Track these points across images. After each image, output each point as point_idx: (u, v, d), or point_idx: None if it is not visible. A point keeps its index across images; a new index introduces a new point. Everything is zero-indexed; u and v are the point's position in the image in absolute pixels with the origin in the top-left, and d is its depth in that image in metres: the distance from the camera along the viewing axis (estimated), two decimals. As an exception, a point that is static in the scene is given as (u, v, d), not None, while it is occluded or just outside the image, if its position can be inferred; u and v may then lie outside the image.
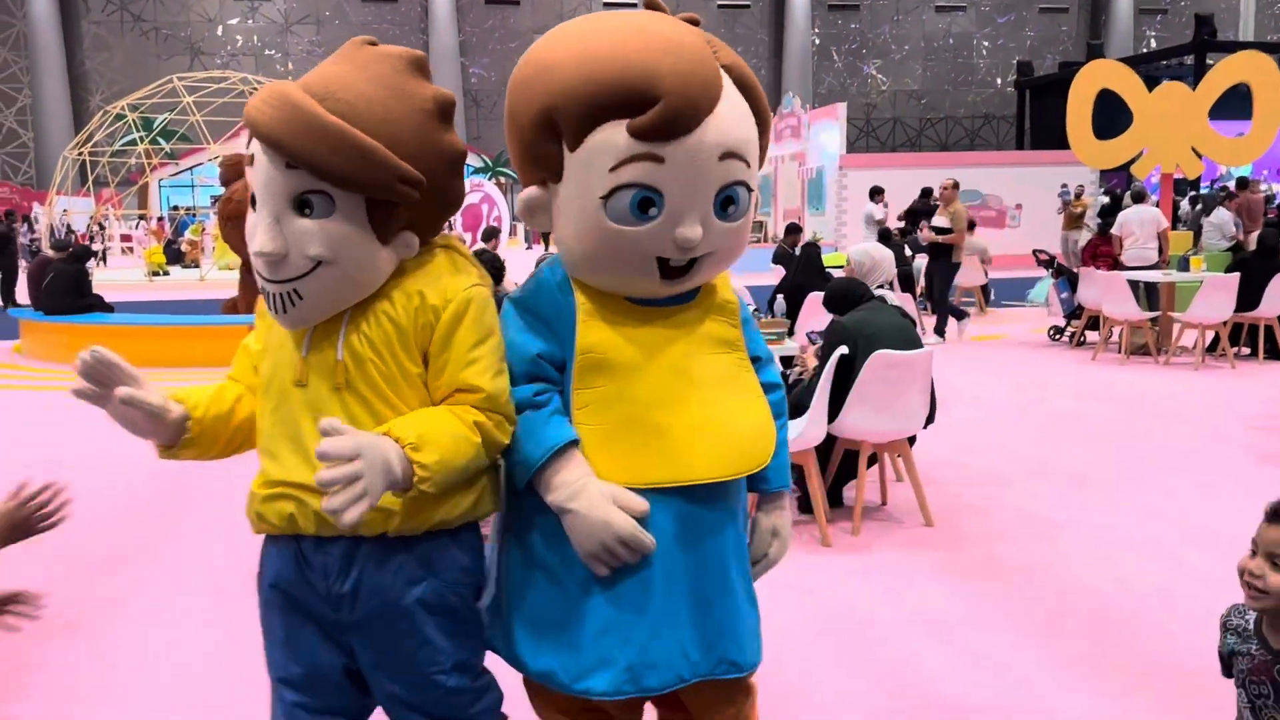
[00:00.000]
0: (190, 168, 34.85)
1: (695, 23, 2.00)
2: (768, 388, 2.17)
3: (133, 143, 26.37)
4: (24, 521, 1.94)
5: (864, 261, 5.50)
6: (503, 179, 33.91)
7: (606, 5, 38.84)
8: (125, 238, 31.39)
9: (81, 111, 39.28)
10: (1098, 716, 3.04)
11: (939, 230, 10.97)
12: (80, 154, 23.96)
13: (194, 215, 29.68)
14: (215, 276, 21.96)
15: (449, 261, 2.01)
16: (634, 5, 2.15)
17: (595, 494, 1.91)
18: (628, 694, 1.96)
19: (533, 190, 2.01)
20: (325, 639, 2.01)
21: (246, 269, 11.56)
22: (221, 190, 32.25)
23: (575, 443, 1.95)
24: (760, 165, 2.06)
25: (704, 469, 1.97)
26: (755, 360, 2.17)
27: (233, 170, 11.49)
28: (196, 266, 23.85)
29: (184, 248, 25.10)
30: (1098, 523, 4.86)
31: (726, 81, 1.91)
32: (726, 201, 1.94)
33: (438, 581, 1.97)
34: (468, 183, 25.18)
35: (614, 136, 1.86)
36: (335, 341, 1.92)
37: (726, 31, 38.82)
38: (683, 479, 1.96)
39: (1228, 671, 2.02)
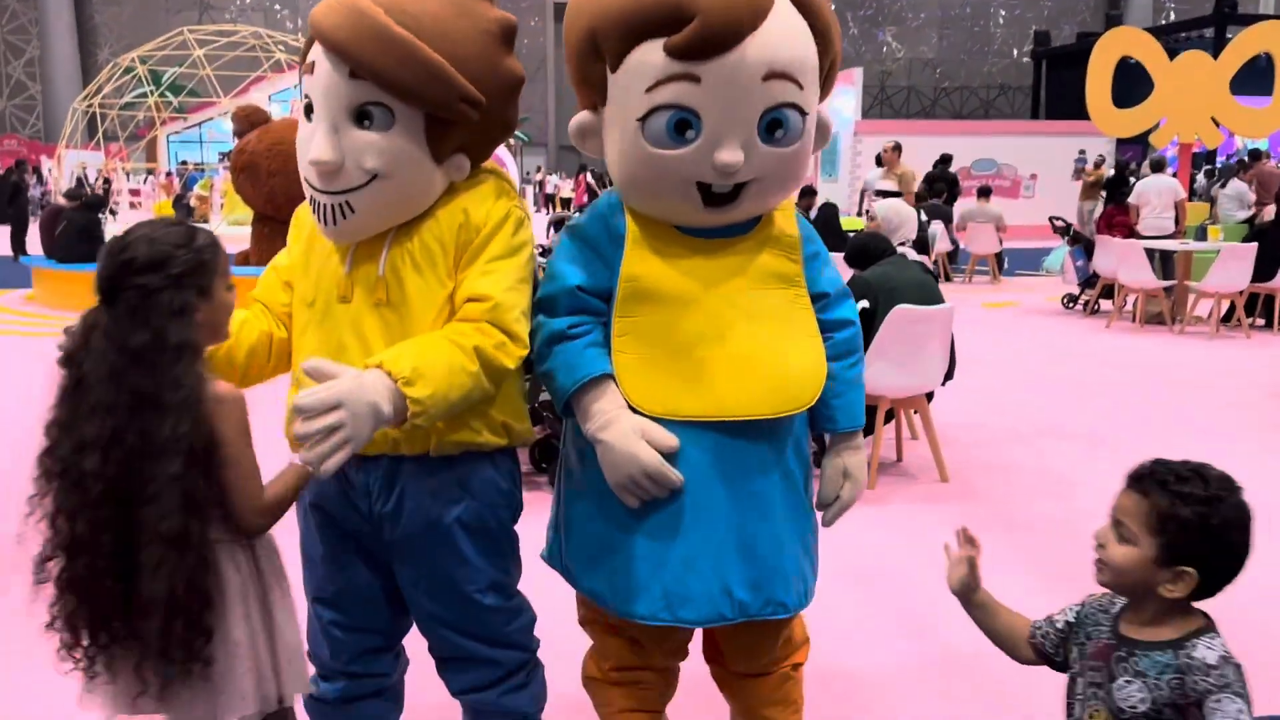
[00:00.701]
0: (199, 123, 34.68)
1: None
2: (837, 324, 2.10)
3: (142, 96, 26.25)
4: None
5: (891, 218, 5.50)
6: (512, 141, 33.73)
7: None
8: (134, 192, 31.32)
9: (90, 65, 39.04)
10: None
11: (885, 194, 10.64)
12: (89, 107, 23.86)
13: (203, 170, 29.57)
14: (225, 231, 21.97)
15: (496, 186, 2.01)
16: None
17: (625, 427, 1.90)
18: (664, 621, 1.97)
19: (583, 114, 2.02)
20: (365, 558, 2.04)
21: (259, 220, 11.55)
22: (230, 146, 32.25)
23: (609, 375, 1.95)
24: (825, 91, 1.99)
25: (740, 405, 1.94)
26: (823, 296, 2.10)
27: (246, 122, 11.46)
28: (205, 222, 23.83)
29: (193, 202, 25.05)
30: (1114, 482, 4.86)
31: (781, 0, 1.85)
32: (773, 125, 1.88)
33: (475, 503, 1.99)
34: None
35: (650, 56, 1.85)
36: (378, 258, 1.93)
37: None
38: (716, 414, 1.94)
39: (1054, 653, 1.76)
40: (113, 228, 10.60)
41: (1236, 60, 11.40)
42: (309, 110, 1.89)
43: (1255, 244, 9.17)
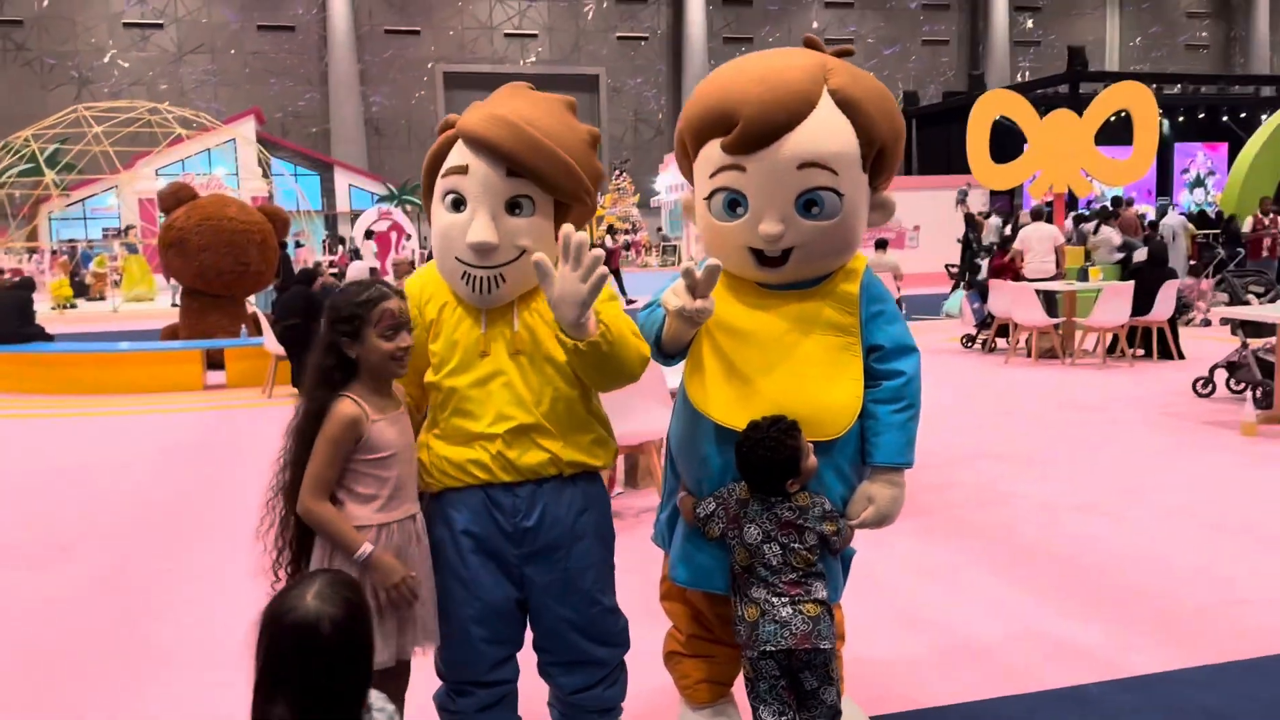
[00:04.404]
0: (82, 199, 33.92)
1: (846, 54, 2.49)
2: (888, 374, 2.46)
3: (26, 174, 25.67)
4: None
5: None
6: (409, 207, 33.90)
7: (508, 36, 39.37)
8: (15, 272, 30.33)
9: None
10: (1081, 633, 3.69)
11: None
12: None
13: (93, 248, 28.93)
14: (126, 308, 21.62)
15: None
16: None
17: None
18: (683, 583, 2.57)
19: (686, 194, 2.56)
20: (505, 574, 2.43)
21: (189, 295, 11.64)
22: (118, 222, 31.22)
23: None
24: (883, 173, 2.48)
25: None
26: (878, 349, 2.47)
27: (173, 198, 11.60)
28: (102, 299, 23.37)
29: (89, 279, 24.56)
30: (1042, 491, 5.57)
31: (825, 102, 2.35)
32: (810, 204, 2.38)
33: (596, 513, 2.49)
34: (375, 210, 25.14)
35: (712, 151, 2.44)
36: (510, 318, 2.40)
37: (626, 62, 39.77)
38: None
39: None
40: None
41: (1099, 117, 12.62)
42: (459, 204, 2.35)
43: (1132, 282, 10.23)
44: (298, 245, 22.83)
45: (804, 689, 2.33)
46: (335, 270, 18.19)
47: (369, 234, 20.80)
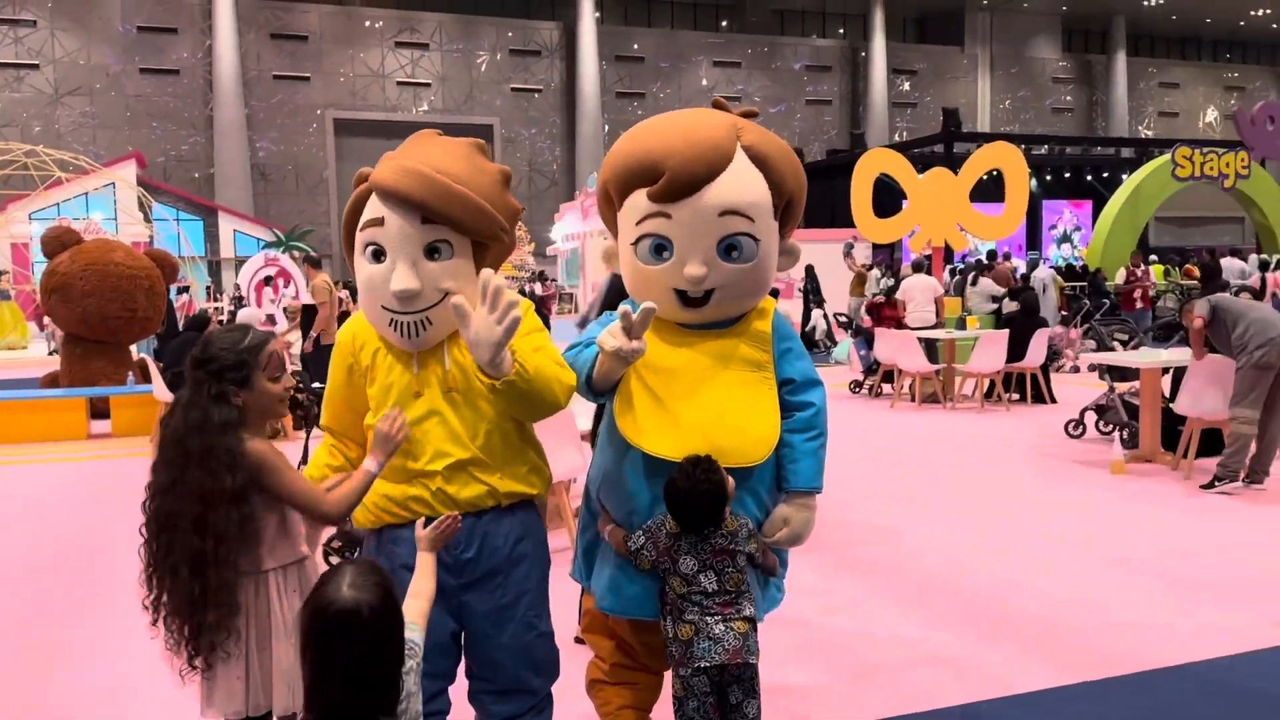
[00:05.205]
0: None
1: (752, 115, 2.71)
2: (800, 405, 2.67)
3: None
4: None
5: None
6: (296, 253, 33.26)
7: (400, 84, 39.31)
8: None
9: None
10: (973, 656, 3.94)
11: (308, 309, 10.86)
12: None
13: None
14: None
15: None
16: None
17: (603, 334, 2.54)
18: (613, 611, 2.69)
19: (609, 242, 2.71)
20: (443, 607, 2.49)
21: (71, 340, 11.24)
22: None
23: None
24: (789, 222, 2.70)
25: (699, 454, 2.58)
26: (790, 382, 2.69)
27: (56, 243, 11.24)
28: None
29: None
30: (931, 528, 5.86)
31: (740, 156, 2.57)
32: (730, 248, 2.58)
33: (533, 540, 2.60)
34: (261, 256, 24.67)
35: (638, 200, 2.61)
36: (441, 357, 2.51)
37: (521, 114, 40.11)
38: (678, 457, 2.57)
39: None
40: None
41: (973, 175, 13.34)
42: (379, 254, 2.44)
43: (1006, 331, 10.82)
44: (181, 291, 22.22)
45: (729, 703, 2.46)
46: (225, 317, 17.77)
47: (268, 280, 20.38)
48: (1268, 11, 41.12)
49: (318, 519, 2.38)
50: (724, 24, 42.08)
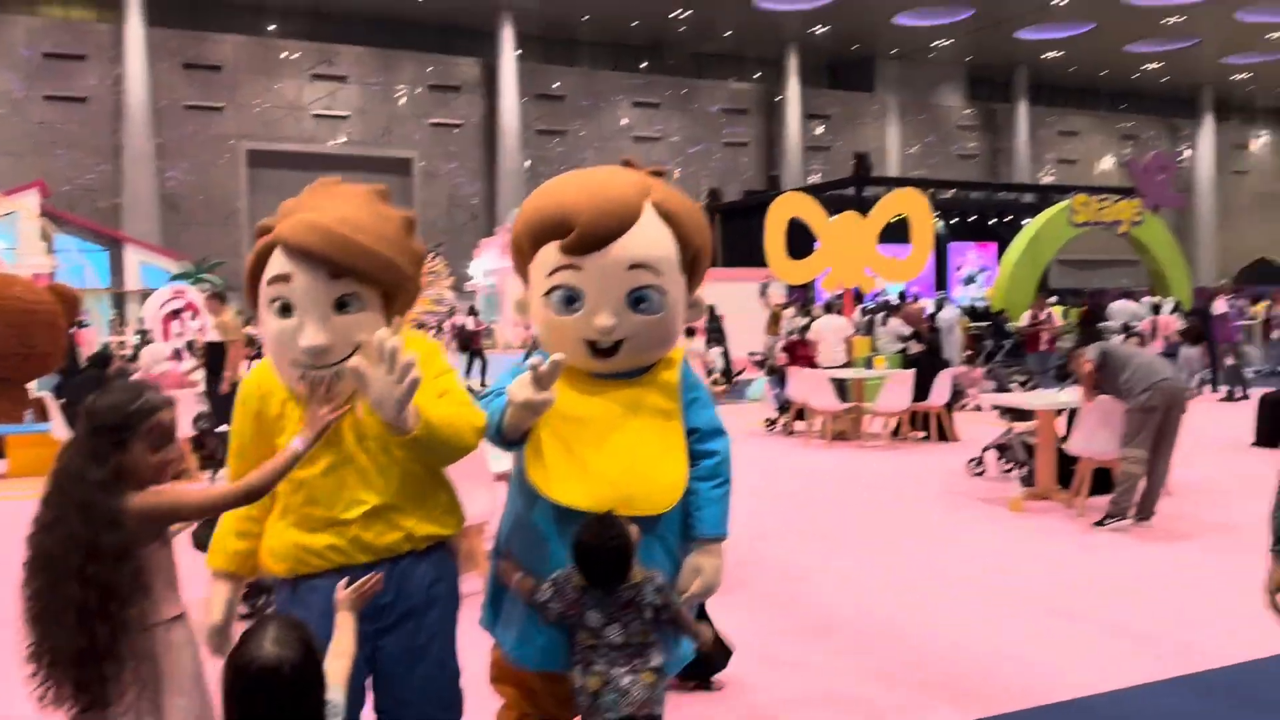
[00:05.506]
0: None
1: (660, 174, 2.82)
2: (705, 454, 2.75)
3: None
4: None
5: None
6: (207, 285, 32.50)
7: (316, 117, 38.91)
8: None
9: None
10: (881, 694, 4.07)
11: (213, 346, 10.79)
12: None
13: None
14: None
15: (410, 329, 2.72)
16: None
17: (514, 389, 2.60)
18: (519, 664, 2.73)
19: (520, 294, 2.78)
20: (358, 652, 2.49)
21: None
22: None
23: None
24: (696, 276, 2.80)
25: (606, 504, 2.63)
26: (695, 431, 2.76)
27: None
28: None
29: None
30: (840, 565, 6.02)
31: (649, 211, 2.67)
32: (638, 300, 2.67)
33: (447, 582, 2.65)
34: (168, 289, 24.06)
35: (550, 252, 2.69)
36: (354, 404, 2.53)
37: (441, 148, 39.98)
38: (589, 507, 2.63)
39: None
40: None
41: (881, 220, 13.79)
42: (287, 309, 2.44)
43: (913, 371, 11.15)
44: (80, 326, 21.53)
45: None
46: (128, 353, 17.29)
47: (175, 313, 19.88)
48: (1160, 65, 43.31)
49: (244, 502, 2.34)
50: (644, 65, 42.66)
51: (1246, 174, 50.60)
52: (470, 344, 18.34)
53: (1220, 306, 16.40)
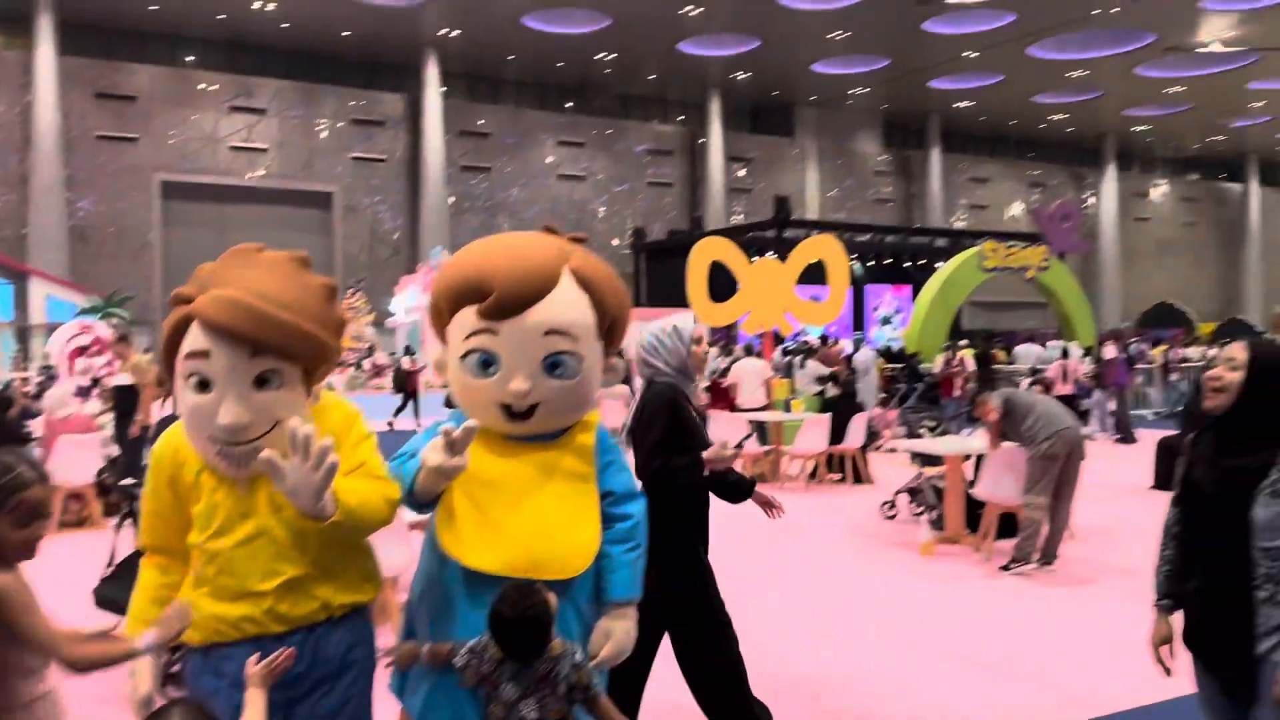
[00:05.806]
0: None
1: (580, 240, 2.86)
2: (619, 517, 2.79)
3: None
4: None
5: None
6: (116, 320, 31.60)
7: (234, 149, 38.32)
8: None
9: None
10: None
11: (122, 390, 10.33)
12: None
13: None
14: None
15: (331, 396, 2.71)
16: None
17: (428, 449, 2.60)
18: None
19: (439, 353, 2.81)
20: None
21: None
22: None
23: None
24: (613, 341, 2.84)
25: (518, 568, 2.64)
26: (610, 494, 2.80)
27: None
28: None
29: None
30: (754, 610, 6.07)
31: (566, 278, 2.70)
32: (553, 365, 2.69)
33: (363, 648, 2.64)
34: (75, 323, 23.42)
35: (467, 315, 2.72)
36: (267, 479, 2.49)
37: (362, 182, 39.61)
38: (502, 570, 2.65)
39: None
40: None
41: (799, 266, 14.11)
42: (204, 384, 2.39)
43: (829, 414, 11.37)
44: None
45: None
46: (31, 390, 16.71)
47: (82, 349, 19.27)
48: (1065, 116, 45.08)
49: (57, 663, 2.21)
50: (569, 105, 42.99)
51: (1147, 220, 52.76)
52: (406, 385, 18.09)
53: (1110, 351, 16.45)
